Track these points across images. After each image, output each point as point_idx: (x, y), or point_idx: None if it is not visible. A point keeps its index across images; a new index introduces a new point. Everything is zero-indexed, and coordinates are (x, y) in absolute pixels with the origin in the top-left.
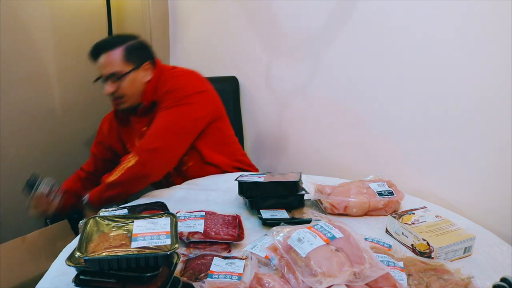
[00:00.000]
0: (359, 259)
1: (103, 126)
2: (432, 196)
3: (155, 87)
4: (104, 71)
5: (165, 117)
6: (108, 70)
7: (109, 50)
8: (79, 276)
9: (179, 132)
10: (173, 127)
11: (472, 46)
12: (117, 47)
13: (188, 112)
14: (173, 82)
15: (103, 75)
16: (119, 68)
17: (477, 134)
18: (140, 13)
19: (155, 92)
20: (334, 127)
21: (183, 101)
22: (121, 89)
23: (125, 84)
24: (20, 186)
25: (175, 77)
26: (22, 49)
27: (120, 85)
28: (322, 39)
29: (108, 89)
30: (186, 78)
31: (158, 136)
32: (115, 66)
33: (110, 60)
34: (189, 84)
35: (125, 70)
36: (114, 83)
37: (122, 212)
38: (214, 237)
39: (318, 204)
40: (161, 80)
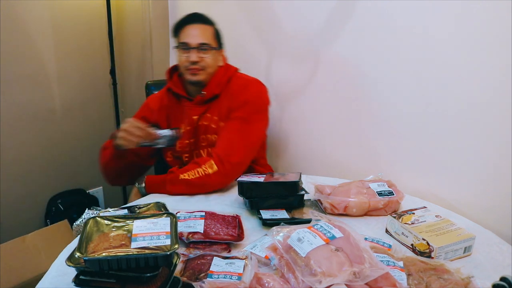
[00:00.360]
0: (359, 259)
1: (151, 103)
2: (432, 196)
3: (219, 81)
4: (194, 39)
5: (243, 131)
6: (200, 39)
7: (205, 24)
8: (79, 276)
9: (254, 148)
10: (251, 143)
11: (472, 46)
12: (211, 25)
13: (261, 129)
14: (250, 93)
15: (189, 43)
16: (210, 42)
17: (477, 134)
18: (140, 13)
19: (218, 85)
20: (334, 127)
21: (258, 117)
22: (204, 60)
23: (210, 58)
24: (20, 186)
25: (250, 87)
26: (22, 49)
27: (205, 57)
28: (322, 39)
29: (195, 56)
30: (261, 91)
31: (239, 150)
32: (208, 39)
33: (204, 31)
34: (263, 98)
35: (213, 45)
36: (200, 53)
37: (122, 212)
38: (214, 237)
39: (318, 204)
40: (226, 77)
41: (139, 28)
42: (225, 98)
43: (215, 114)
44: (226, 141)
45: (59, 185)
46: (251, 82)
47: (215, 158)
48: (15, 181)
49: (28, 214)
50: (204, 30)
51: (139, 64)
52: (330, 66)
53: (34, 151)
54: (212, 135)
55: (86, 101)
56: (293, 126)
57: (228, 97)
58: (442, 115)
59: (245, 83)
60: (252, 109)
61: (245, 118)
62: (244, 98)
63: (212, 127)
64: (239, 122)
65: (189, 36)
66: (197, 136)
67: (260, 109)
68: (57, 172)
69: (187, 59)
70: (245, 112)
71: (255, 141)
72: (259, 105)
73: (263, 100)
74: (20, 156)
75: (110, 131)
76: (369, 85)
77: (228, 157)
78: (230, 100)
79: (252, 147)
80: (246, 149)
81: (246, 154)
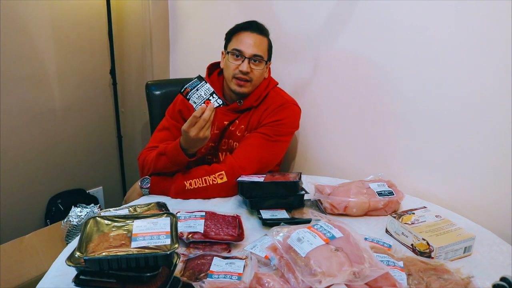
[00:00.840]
0: (358, 259)
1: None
2: (432, 196)
3: (260, 94)
4: (250, 49)
5: (264, 149)
6: (256, 50)
7: (262, 35)
8: (79, 276)
9: (268, 167)
10: (267, 162)
11: (472, 46)
12: (267, 36)
13: (282, 149)
14: (285, 115)
15: (244, 52)
16: (264, 54)
17: (477, 134)
18: (140, 13)
19: (257, 99)
20: (334, 127)
21: (283, 138)
22: (253, 73)
23: (258, 71)
24: (20, 186)
25: (287, 109)
26: (22, 49)
27: (255, 69)
28: (322, 39)
29: (245, 67)
30: (295, 116)
31: (254, 167)
32: (263, 51)
33: (261, 43)
34: (295, 123)
35: (265, 59)
36: (252, 64)
37: (122, 212)
38: (214, 237)
39: (318, 204)
40: (266, 91)
41: (139, 28)
42: (258, 111)
43: (244, 123)
44: (244, 154)
45: (59, 185)
46: (289, 103)
47: (228, 168)
48: (15, 181)
49: (28, 214)
50: (260, 41)
51: (139, 64)
52: (330, 66)
53: (34, 151)
54: (235, 142)
55: (86, 101)
56: None
57: (262, 111)
58: (442, 115)
59: (282, 102)
60: (281, 131)
61: (270, 136)
62: (277, 118)
63: (236, 134)
64: (264, 138)
65: (245, 44)
66: (220, 139)
67: (288, 132)
68: (57, 172)
69: (237, 67)
70: (273, 131)
71: (272, 160)
72: (288, 128)
73: (294, 124)
74: (20, 156)
75: (110, 131)
76: (369, 85)
77: (241, 171)
78: (262, 114)
79: (267, 165)
80: (260, 166)
81: (259, 171)
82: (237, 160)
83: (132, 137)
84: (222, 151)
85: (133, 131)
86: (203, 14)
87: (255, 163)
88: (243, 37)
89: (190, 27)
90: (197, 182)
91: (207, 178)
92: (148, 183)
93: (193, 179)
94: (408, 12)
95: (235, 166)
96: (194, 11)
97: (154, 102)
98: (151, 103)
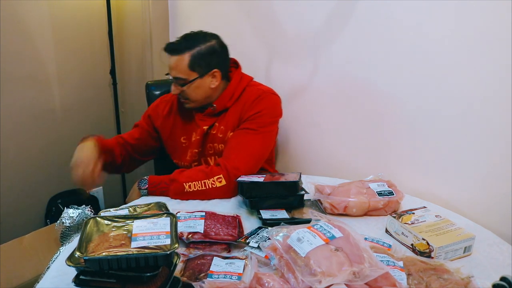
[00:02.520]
0: (358, 259)
1: (161, 106)
2: (432, 196)
3: (232, 94)
4: (171, 72)
5: (253, 143)
6: (174, 73)
7: (179, 54)
8: (79, 276)
9: (261, 159)
10: (259, 155)
11: (472, 45)
12: (187, 51)
13: (271, 139)
14: (263, 105)
15: (170, 75)
16: (183, 76)
17: (477, 134)
18: (140, 13)
19: (230, 99)
20: (334, 127)
21: (269, 128)
22: (184, 93)
23: (189, 90)
24: (20, 186)
25: (264, 99)
26: (22, 49)
27: (183, 89)
28: (322, 39)
29: (174, 90)
30: (274, 104)
31: (247, 163)
32: (180, 72)
33: (176, 64)
34: (276, 111)
35: (189, 78)
36: (179, 86)
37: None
38: (214, 237)
39: (318, 204)
40: (240, 89)
41: (139, 28)
42: (236, 108)
43: (223, 123)
44: (235, 154)
45: (59, 185)
46: (265, 93)
47: (224, 172)
48: (15, 181)
49: (28, 214)
50: (176, 62)
51: (139, 64)
52: (330, 66)
53: (34, 151)
54: (219, 144)
55: (86, 101)
56: (293, 126)
57: (240, 107)
58: (442, 115)
59: (259, 94)
60: (264, 122)
61: (256, 129)
62: (256, 110)
63: (219, 136)
64: (250, 133)
65: (169, 67)
66: (204, 145)
67: (271, 120)
68: (57, 172)
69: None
70: (256, 124)
71: (264, 152)
72: (270, 117)
73: (275, 113)
74: (20, 156)
75: (110, 131)
76: (369, 85)
77: (236, 171)
78: (241, 111)
79: (260, 158)
80: (254, 161)
81: (253, 167)
82: (230, 161)
83: None
84: (210, 156)
85: None
86: (203, 14)
87: (248, 160)
88: (168, 59)
89: (190, 27)
90: (196, 185)
91: (206, 182)
92: (146, 184)
93: (192, 181)
94: (408, 13)
95: (229, 168)
96: (194, 11)
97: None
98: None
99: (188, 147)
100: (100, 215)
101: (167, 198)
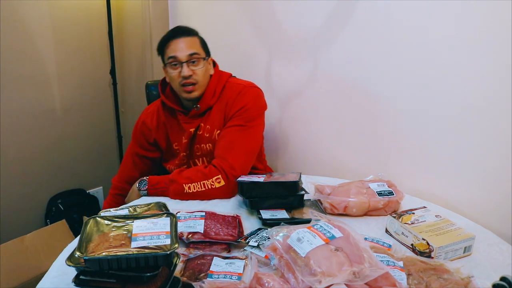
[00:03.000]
0: (358, 259)
1: (148, 122)
2: (432, 196)
3: (213, 91)
4: (183, 52)
5: (243, 139)
6: (189, 50)
7: (190, 36)
8: (79, 276)
9: (254, 154)
10: (251, 150)
11: (472, 45)
12: (195, 35)
13: (259, 132)
14: (246, 100)
15: (179, 57)
16: (198, 51)
17: (477, 134)
18: (140, 13)
19: (212, 96)
20: (334, 127)
21: (256, 122)
22: (196, 73)
23: (200, 70)
24: (20, 186)
25: (246, 94)
26: (22, 49)
27: (196, 69)
28: (322, 39)
29: (187, 70)
30: (257, 97)
31: (241, 160)
32: (196, 48)
33: (192, 42)
34: (259, 103)
35: (202, 55)
36: (191, 65)
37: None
38: (214, 237)
39: (318, 204)
40: (220, 86)
41: (139, 28)
42: (219, 106)
43: (208, 123)
44: (228, 153)
45: (59, 185)
46: (246, 88)
47: (221, 172)
48: (15, 181)
49: (28, 214)
50: (190, 41)
51: (139, 64)
52: (330, 66)
53: (34, 151)
54: (207, 144)
55: (86, 101)
56: (293, 126)
57: (223, 105)
58: (442, 115)
59: (240, 89)
60: (250, 116)
61: (243, 125)
62: (240, 106)
63: (205, 136)
64: (238, 130)
65: (177, 50)
66: (191, 147)
67: (257, 114)
68: (57, 172)
69: (179, 74)
70: (243, 119)
71: (255, 146)
72: (255, 111)
73: (259, 105)
74: (20, 156)
75: (110, 131)
76: (369, 85)
77: (232, 171)
78: (225, 108)
79: (252, 153)
80: (247, 157)
81: (248, 163)
82: (225, 161)
83: None
84: (197, 158)
85: None
86: (203, 14)
87: (242, 157)
88: (173, 44)
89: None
90: (195, 186)
91: (205, 183)
92: (145, 185)
93: (191, 183)
94: (408, 13)
95: (226, 168)
96: (194, 11)
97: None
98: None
99: (180, 152)
100: (100, 215)
101: (167, 198)
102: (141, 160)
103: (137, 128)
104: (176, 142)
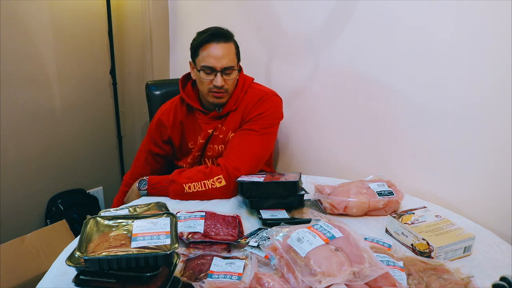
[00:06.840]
0: (358, 259)
1: (164, 120)
2: (432, 196)
3: (237, 96)
4: (220, 63)
5: (254, 144)
6: (226, 62)
7: (228, 42)
8: (79, 276)
9: (261, 161)
10: (259, 157)
11: (472, 45)
12: (232, 40)
13: (271, 141)
14: (265, 107)
15: (216, 67)
16: (233, 63)
17: (477, 133)
18: (140, 13)
19: (236, 101)
20: (334, 127)
21: (270, 130)
22: (227, 83)
23: (232, 80)
24: (20, 186)
25: (266, 101)
26: (22, 49)
27: (228, 79)
28: (322, 39)
29: (220, 82)
30: (276, 106)
31: (248, 164)
32: (232, 60)
33: (228, 52)
34: (277, 113)
35: (236, 67)
36: (224, 76)
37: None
38: (214, 237)
39: (318, 204)
40: (243, 91)
41: (139, 28)
42: (238, 110)
43: (225, 125)
44: (236, 155)
45: (59, 185)
46: (268, 95)
47: (224, 172)
48: (15, 181)
49: (28, 214)
50: (228, 51)
51: (139, 64)
52: (330, 66)
53: (34, 151)
54: (219, 145)
55: (86, 101)
56: (293, 126)
57: (242, 108)
58: (442, 115)
59: (261, 95)
60: (266, 124)
61: (257, 131)
62: (259, 112)
63: (219, 137)
64: (252, 134)
65: (214, 58)
66: (205, 147)
67: (273, 122)
68: (57, 172)
69: (210, 82)
70: (258, 125)
71: (264, 154)
72: (273, 119)
73: (277, 115)
74: (20, 156)
75: (110, 131)
76: (369, 85)
77: (236, 172)
78: (243, 112)
79: (260, 160)
80: (254, 162)
81: (253, 168)
82: (230, 162)
83: (132, 137)
84: (208, 157)
85: (133, 131)
86: (203, 14)
87: (248, 161)
88: (210, 50)
89: (190, 27)
90: (196, 185)
91: (206, 182)
92: (145, 185)
93: (192, 182)
94: (409, 12)
95: (229, 168)
96: (194, 11)
97: (154, 102)
98: (151, 103)
99: (194, 151)
100: (100, 215)
101: (167, 198)
102: (153, 158)
103: (153, 125)
104: (191, 141)
